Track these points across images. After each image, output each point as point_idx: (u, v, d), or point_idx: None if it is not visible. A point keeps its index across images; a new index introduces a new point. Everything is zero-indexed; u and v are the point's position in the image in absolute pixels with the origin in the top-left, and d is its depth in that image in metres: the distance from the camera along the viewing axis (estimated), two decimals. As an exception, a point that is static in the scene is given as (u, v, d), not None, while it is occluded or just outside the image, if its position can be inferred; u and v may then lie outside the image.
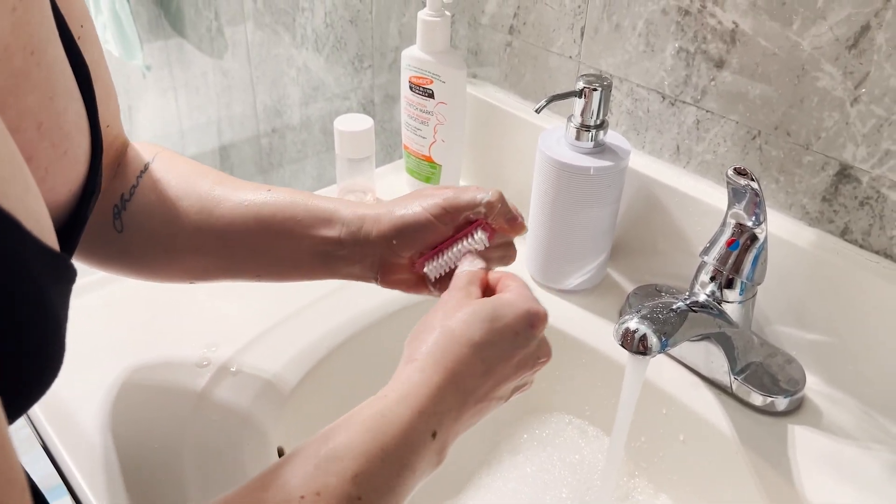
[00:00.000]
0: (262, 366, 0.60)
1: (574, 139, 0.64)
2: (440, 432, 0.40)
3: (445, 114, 0.77)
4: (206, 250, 0.51)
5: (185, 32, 1.46)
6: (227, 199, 0.51)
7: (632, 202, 0.70)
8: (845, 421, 0.58)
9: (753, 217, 0.54)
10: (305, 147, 1.25)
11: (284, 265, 0.52)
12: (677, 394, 0.60)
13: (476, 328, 0.42)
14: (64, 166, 0.39)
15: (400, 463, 0.37)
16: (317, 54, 1.11)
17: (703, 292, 0.58)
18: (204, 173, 0.53)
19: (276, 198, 0.51)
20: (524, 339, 0.43)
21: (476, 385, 0.41)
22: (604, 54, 0.69)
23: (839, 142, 0.56)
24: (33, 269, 0.29)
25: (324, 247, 0.50)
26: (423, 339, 0.42)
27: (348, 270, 0.51)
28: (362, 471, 0.36)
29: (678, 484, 0.61)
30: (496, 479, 0.64)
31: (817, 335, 0.60)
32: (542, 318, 0.44)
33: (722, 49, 0.60)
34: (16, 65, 0.33)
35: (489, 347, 0.42)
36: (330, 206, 0.51)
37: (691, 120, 0.65)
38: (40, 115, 0.36)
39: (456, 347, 0.41)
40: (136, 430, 0.54)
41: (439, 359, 0.41)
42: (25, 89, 0.34)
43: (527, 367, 0.44)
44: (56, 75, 0.37)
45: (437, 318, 0.43)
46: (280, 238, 0.50)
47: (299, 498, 0.34)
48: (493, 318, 0.42)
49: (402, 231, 0.49)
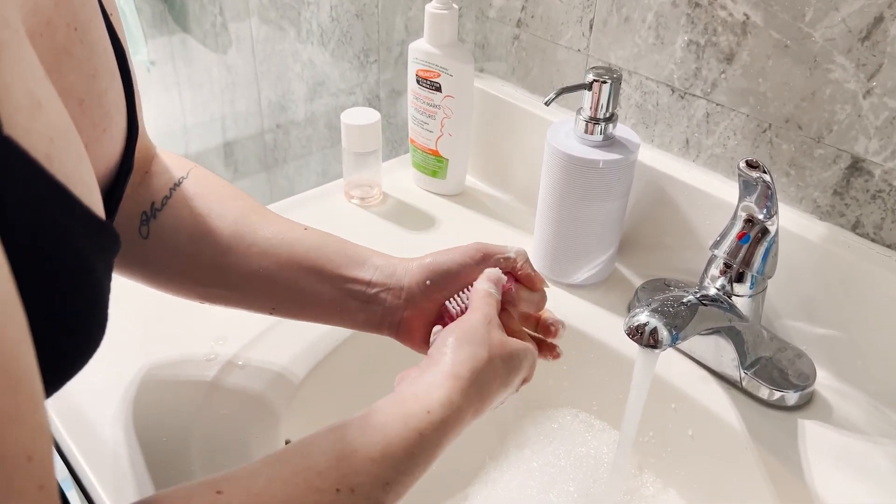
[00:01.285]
0: (271, 359, 0.60)
1: (583, 132, 0.64)
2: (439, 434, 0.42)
3: (452, 107, 0.77)
4: (229, 274, 0.51)
5: (190, 28, 1.46)
6: (262, 229, 0.51)
7: (640, 196, 0.70)
8: (855, 415, 0.57)
9: (765, 210, 0.54)
10: (310, 143, 1.25)
11: (303, 301, 0.51)
12: (686, 388, 0.60)
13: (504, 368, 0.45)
14: (103, 144, 0.39)
15: (423, 470, 0.40)
16: (322, 49, 1.10)
17: (713, 286, 0.57)
18: (240, 197, 0.53)
19: (312, 236, 0.52)
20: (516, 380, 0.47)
21: (479, 412, 0.44)
22: (613, 47, 0.69)
23: (851, 134, 0.56)
24: (80, 238, 0.30)
25: (352, 285, 0.50)
26: (465, 351, 0.44)
27: (367, 316, 0.51)
28: (392, 480, 0.38)
29: (687, 479, 0.61)
30: (503, 474, 0.64)
31: (828, 329, 0.59)
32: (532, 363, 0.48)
33: (732, 41, 0.60)
34: (59, 41, 0.34)
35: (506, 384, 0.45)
36: (365, 252, 0.52)
37: (701, 113, 0.65)
38: (82, 92, 0.36)
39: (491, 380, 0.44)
40: (145, 424, 0.54)
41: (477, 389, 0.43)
42: (68, 66, 0.35)
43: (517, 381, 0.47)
44: (99, 54, 0.37)
45: (479, 333, 0.45)
46: (309, 274, 0.50)
47: (335, 491, 0.35)
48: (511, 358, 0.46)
49: (435, 271, 0.50)
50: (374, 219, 0.79)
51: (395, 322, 0.51)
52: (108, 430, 0.53)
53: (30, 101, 0.26)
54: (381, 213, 0.80)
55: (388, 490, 0.37)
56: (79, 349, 0.32)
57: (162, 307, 0.65)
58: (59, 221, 0.28)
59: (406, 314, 0.51)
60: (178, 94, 1.62)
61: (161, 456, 0.51)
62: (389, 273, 0.51)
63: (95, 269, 0.31)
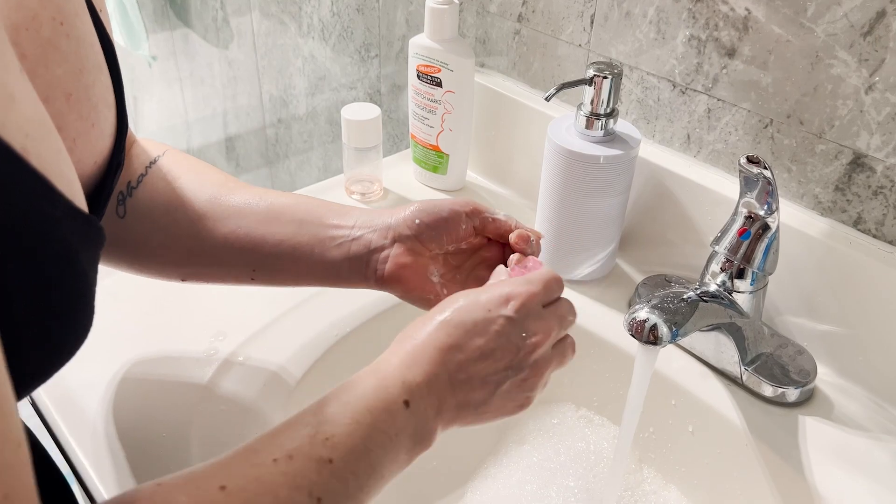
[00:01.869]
0: (269, 357, 0.60)
1: (584, 128, 0.63)
2: (413, 402, 0.38)
3: (453, 103, 0.77)
4: (206, 240, 0.50)
5: (191, 22, 1.45)
6: (239, 193, 0.51)
7: (641, 191, 0.69)
8: (856, 412, 0.57)
9: (766, 206, 0.54)
10: (311, 138, 1.25)
11: (284, 256, 0.49)
12: (687, 384, 0.60)
13: (445, 308, 0.42)
14: (91, 138, 0.39)
15: (372, 426, 0.37)
16: (323, 44, 1.10)
17: (713, 282, 0.57)
18: (217, 171, 0.53)
19: (292, 195, 0.51)
20: (497, 315, 0.41)
21: (446, 360, 0.40)
22: (614, 42, 0.69)
23: (853, 130, 0.55)
24: (64, 230, 0.29)
25: (334, 231, 0.49)
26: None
27: (352, 264, 0.49)
28: (333, 433, 0.35)
29: (687, 475, 0.61)
30: (503, 470, 0.64)
31: (829, 326, 0.59)
32: (517, 296, 0.42)
33: (734, 36, 0.60)
34: (44, 35, 0.34)
35: (456, 322, 0.41)
36: (348, 206, 0.51)
37: (702, 108, 0.64)
38: (69, 86, 0.36)
39: (422, 326, 0.41)
40: (143, 420, 0.54)
41: (403, 337, 0.41)
42: (55, 60, 0.35)
43: (510, 349, 0.42)
44: (86, 48, 0.37)
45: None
46: (288, 224, 0.49)
47: (272, 461, 0.33)
48: (465, 301, 0.42)
49: (427, 212, 0.49)
50: (374, 214, 0.78)
51: (382, 267, 0.49)
52: (107, 425, 0.53)
53: (3, 94, 0.26)
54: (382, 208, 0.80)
55: (329, 445, 0.35)
56: (63, 339, 0.31)
57: (160, 303, 0.65)
58: (42, 211, 0.28)
59: (393, 255, 0.49)
60: (180, 89, 1.62)
61: (160, 451, 0.52)
62: (374, 216, 0.50)
63: (80, 259, 0.31)
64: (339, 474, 0.34)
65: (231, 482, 0.32)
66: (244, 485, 0.32)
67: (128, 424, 0.54)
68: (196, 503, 0.31)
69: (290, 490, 0.33)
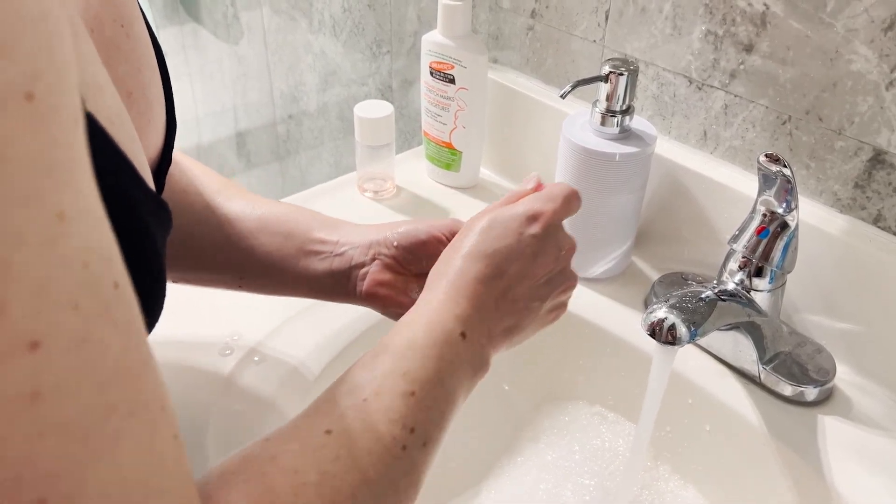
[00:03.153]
0: (287, 354, 0.60)
1: (599, 125, 0.63)
2: (469, 333, 0.40)
3: (466, 99, 0.76)
4: (198, 243, 0.51)
5: (201, 18, 1.45)
6: (235, 201, 0.52)
7: (657, 189, 0.69)
8: (876, 411, 0.57)
9: (784, 204, 0.53)
10: (322, 134, 1.24)
11: (270, 266, 0.51)
12: (704, 384, 0.60)
13: (470, 238, 0.43)
14: (148, 135, 0.40)
15: (440, 358, 0.38)
16: (334, 40, 1.10)
17: (731, 281, 0.57)
18: (216, 175, 0.54)
19: (284, 206, 0.53)
20: (528, 236, 0.43)
21: (489, 289, 0.42)
22: (629, 38, 0.68)
23: (873, 127, 0.55)
24: (144, 212, 0.31)
25: (319, 246, 0.51)
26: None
27: (335, 281, 0.51)
28: (408, 368, 0.37)
29: (704, 474, 0.61)
30: (518, 468, 0.64)
31: (848, 324, 0.59)
32: (542, 214, 0.44)
33: (751, 32, 0.59)
34: (107, 34, 0.35)
35: (490, 251, 0.43)
36: (338, 219, 0.53)
37: (719, 105, 0.64)
38: (130, 84, 0.37)
39: (452, 259, 0.43)
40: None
41: (437, 275, 0.43)
42: (117, 59, 0.36)
43: (546, 266, 0.44)
44: (142, 48, 0.38)
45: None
46: (275, 236, 0.51)
47: (363, 401, 0.35)
48: (489, 225, 0.43)
49: (405, 236, 0.50)
50: (387, 212, 0.78)
51: (361, 283, 0.51)
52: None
53: (94, 83, 0.27)
54: (395, 206, 0.79)
55: (409, 378, 0.37)
56: (144, 323, 0.33)
57: (178, 298, 0.65)
58: (130, 194, 0.30)
59: (372, 272, 0.50)
60: (190, 85, 1.62)
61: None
62: (360, 233, 0.51)
63: (156, 241, 0.32)
64: (423, 404, 0.37)
65: (334, 425, 0.34)
66: (347, 426, 0.34)
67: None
68: (308, 448, 0.32)
69: (387, 425, 0.35)
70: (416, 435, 0.36)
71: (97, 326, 0.20)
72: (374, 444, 0.34)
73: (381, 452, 0.34)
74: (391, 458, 0.34)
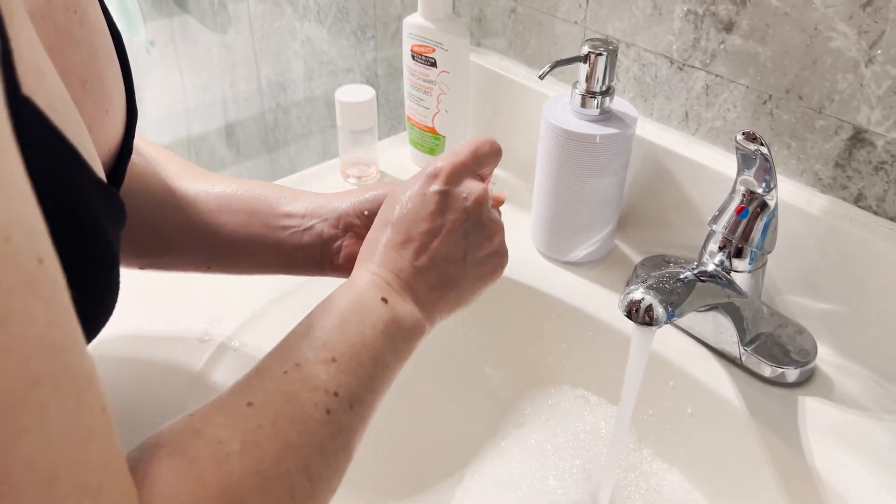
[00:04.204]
0: (264, 343, 0.60)
1: (579, 106, 0.62)
2: (390, 298, 0.41)
3: (449, 83, 0.76)
4: (161, 227, 0.50)
5: (188, 7, 1.44)
6: (196, 182, 0.52)
7: (639, 171, 0.68)
8: (857, 391, 0.56)
9: (763, 184, 0.53)
10: (310, 122, 1.24)
11: (238, 247, 0.51)
12: (685, 366, 0.59)
13: (384, 211, 0.45)
14: (105, 125, 0.40)
15: (361, 324, 0.39)
16: (319, 26, 1.09)
17: (711, 262, 0.56)
18: (177, 159, 0.54)
19: (246, 182, 0.52)
20: (431, 193, 0.44)
21: (402, 254, 0.43)
22: (610, 18, 0.67)
23: (853, 105, 0.54)
24: (92, 202, 0.30)
25: (285, 220, 0.50)
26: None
27: (305, 254, 0.50)
28: (327, 338, 0.38)
29: (686, 456, 0.60)
30: (501, 453, 0.64)
31: (829, 304, 0.58)
32: (441, 170, 0.44)
33: (731, 10, 0.58)
34: (59, 21, 0.34)
35: (398, 217, 0.44)
36: (301, 190, 0.52)
37: (700, 85, 0.63)
38: (84, 73, 0.36)
39: (372, 238, 0.44)
40: (134, 407, 0.54)
41: (361, 256, 0.44)
42: (70, 48, 0.35)
43: (456, 219, 0.44)
44: (98, 35, 0.38)
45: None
46: (239, 214, 0.50)
47: (283, 373, 0.36)
48: (395, 193, 0.45)
49: (374, 202, 0.50)
50: (370, 198, 0.78)
51: (334, 255, 0.50)
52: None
53: (33, 67, 0.27)
54: (378, 191, 0.79)
55: (329, 347, 0.38)
56: (92, 316, 0.33)
57: (154, 288, 0.64)
58: (74, 182, 0.29)
59: (345, 245, 0.50)
60: (179, 76, 1.61)
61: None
62: (323, 203, 0.51)
63: (108, 232, 0.32)
64: (346, 368, 0.37)
65: (256, 397, 0.35)
66: (268, 397, 0.35)
67: (116, 410, 0.53)
68: (231, 421, 0.33)
69: (308, 392, 0.35)
70: (340, 398, 0.36)
71: (20, 300, 0.20)
72: (295, 411, 0.34)
73: (303, 418, 0.34)
74: (314, 422, 0.35)
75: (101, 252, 0.31)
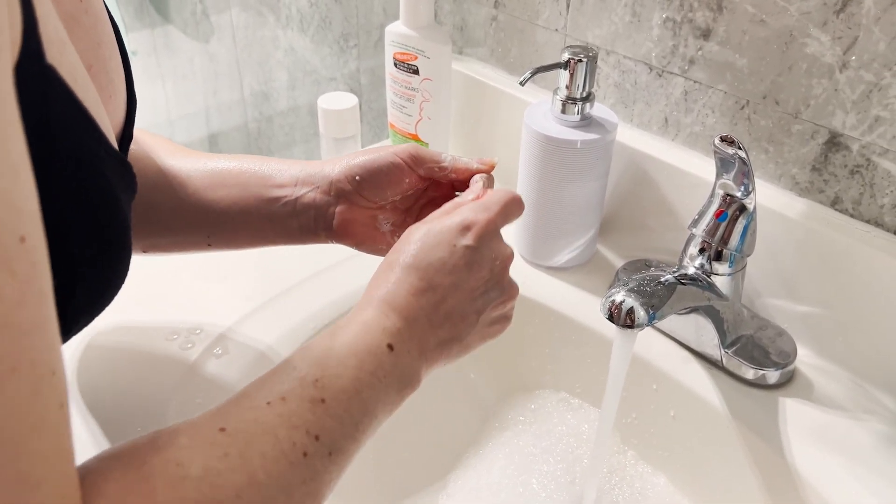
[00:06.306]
0: (251, 344, 0.60)
1: (560, 112, 0.63)
2: (396, 346, 0.39)
3: (431, 90, 0.76)
4: (157, 210, 0.50)
5: (171, 17, 1.44)
6: (187, 162, 0.52)
7: (620, 176, 0.69)
8: (837, 393, 0.57)
9: (742, 187, 0.53)
10: (293, 131, 1.24)
11: (235, 221, 0.51)
12: (668, 369, 0.60)
13: (407, 250, 0.42)
14: (109, 110, 0.40)
15: (359, 369, 0.37)
16: (302, 34, 1.09)
17: (692, 265, 0.57)
18: (168, 142, 0.54)
19: (236, 158, 0.52)
20: (461, 247, 0.42)
21: (421, 303, 0.41)
22: (590, 26, 0.68)
23: (828, 109, 0.55)
24: (107, 170, 0.30)
25: (278, 191, 0.50)
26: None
27: (300, 222, 0.50)
28: (321, 375, 0.36)
29: (669, 459, 0.61)
30: (485, 458, 0.64)
31: (808, 307, 0.59)
32: (475, 224, 0.42)
33: (709, 17, 0.59)
34: (67, 8, 0.35)
35: (423, 264, 0.41)
36: (291, 160, 0.52)
37: (679, 91, 0.64)
38: (91, 58, 0.37)
39: (389, 272, 0.42)
40: (121, 407, 0.53)
41: (374, 285, 0.42)
42: (77, 34, 0.36)
43: (481, 278, 0.43)
44: (102, 23, 0.38)
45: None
46: (233, 188, 0.50)
47: (266, 404, 0.34)
48: (423, 237, 0.42)
49: (366, 167, 0.49)
50: (353, 205, 0.78)
51: (329, 222, 0.50)
52: (80, 412, 0.53)
53: (56, 38, 0.27)
54: (361, 198, 0.79)
55: (319, 386, 0.35)
56: (107, 282, 0.33)
57: (146, 280, 0.64)
58: (92, 150, 0.29)
59: (339, 211, 0.50)
60: (162, 86, 1.61)
61: (136, 431, 0.51)
62: (315, 171, 0.51)
63: (121, 200, 0.32)
64: (333, 412, 0.35)
65: (230, 424, 0.33)
66: (243, 426, 0.33)
67: (103, 411, 0.53)
68: (196, 443, 0.31)
69: (287, 430, 0.33)
70: (321, 443, 0.34)
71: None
72: (268, 448, 0.32)
73: (275, 456, 0.32)
74: (287, 463, 0.32)
75: (116, 219, 0.31)
